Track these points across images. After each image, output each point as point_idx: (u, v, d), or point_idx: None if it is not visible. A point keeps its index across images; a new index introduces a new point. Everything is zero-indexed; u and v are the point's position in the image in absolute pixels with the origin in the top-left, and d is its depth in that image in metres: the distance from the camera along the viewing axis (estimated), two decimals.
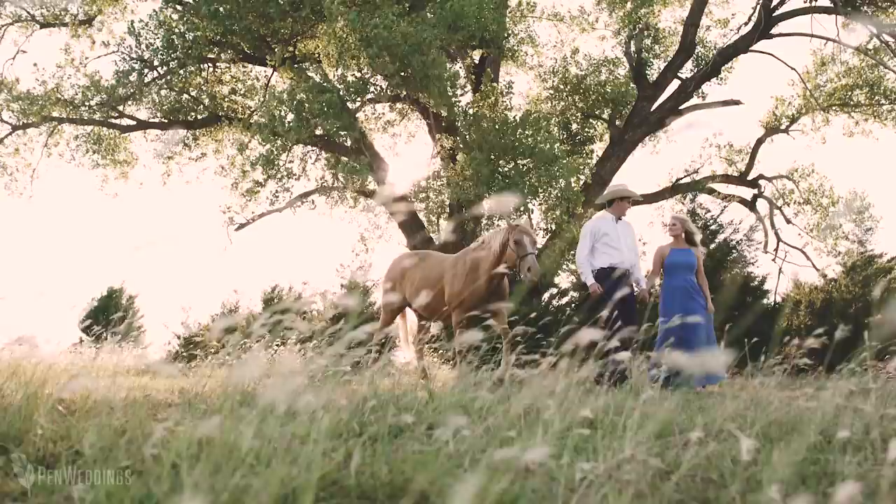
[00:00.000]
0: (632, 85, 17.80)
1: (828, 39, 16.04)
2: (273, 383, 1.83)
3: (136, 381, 6.71)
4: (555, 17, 19.46)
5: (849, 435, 2.41)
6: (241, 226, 16.04)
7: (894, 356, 4.89)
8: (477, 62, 16.40)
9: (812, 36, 15.89)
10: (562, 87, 18.25)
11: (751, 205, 18.07)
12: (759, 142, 18.45)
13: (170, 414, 3.95)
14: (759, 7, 16.20)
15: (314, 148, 15.85)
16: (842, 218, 17.41)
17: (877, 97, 17.48)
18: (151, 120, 17.20)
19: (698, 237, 9.06)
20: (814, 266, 17.14)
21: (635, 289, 8.70)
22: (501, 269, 8.19)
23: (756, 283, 14.20)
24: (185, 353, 14.54)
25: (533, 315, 9.01)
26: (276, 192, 14.99)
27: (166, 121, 17.11)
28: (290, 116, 13.80)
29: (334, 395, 4.24)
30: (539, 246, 13.03)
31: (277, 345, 10.09)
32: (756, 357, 6.44)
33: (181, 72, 16.26)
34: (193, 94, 16.83)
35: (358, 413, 3.52)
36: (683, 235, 8.93)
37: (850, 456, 2.95)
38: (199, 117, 17.08)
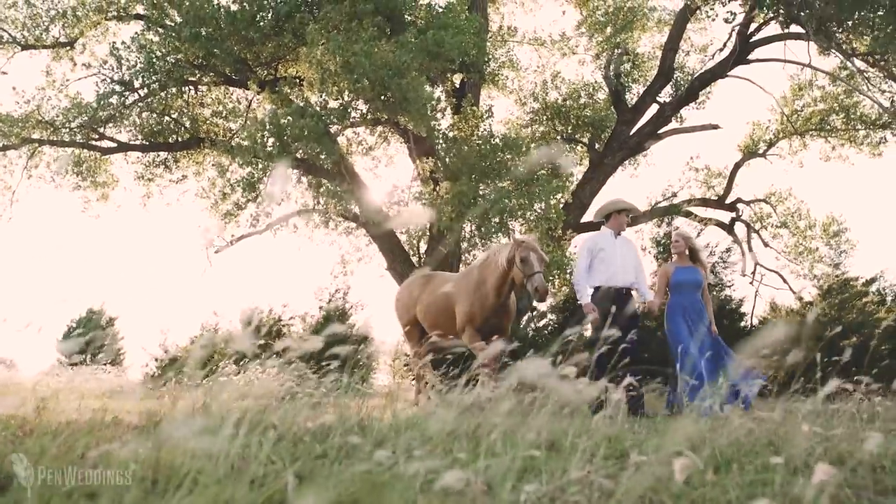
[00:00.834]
0: (611, 109, 18.00)
1: (802, 65, 16.25)
2: (236, 406, 1.87)
3: (109, 403, 6.69)
4: (536, 42, 19.67)
5: (782, 460, 2.45)
6: (221, 248, 16.03)
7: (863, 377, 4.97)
8: (458, 86, 16.52)
9: (787, 62, 16.10)
10: (542, 110, 18.41)
11: (728, 228, 18.21)
12: (737, 166, 18.63)
13: (132, 436, 3.96)
14: (735, 33, 16.41)
15: (296, 171, 15.89)
16: None
17: (853, 122, 17.71)
18: (132, 142, 17.20)
19: (703, 255, 8.85)
20: (790, 289, 17.28)
21: (637, 303, 8.49)
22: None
23: (733, 305, 14.31)
24: (162, 375, 14.48)
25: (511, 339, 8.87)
26: (257, 215, 15.01)
27: (147, 143, 17.12)
28: (271, 140, 13.84)
29: (298, 416, 4.28)
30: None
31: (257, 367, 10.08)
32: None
33: (162, 94, 16.29)
34: (174, 116, 16.86)
35: (308, 434, 3.53)
36: (688, 253, 8.66)
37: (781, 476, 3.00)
38: (181, 140, 17.09)
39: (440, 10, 14.92)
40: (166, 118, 16.87)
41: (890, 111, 15.82)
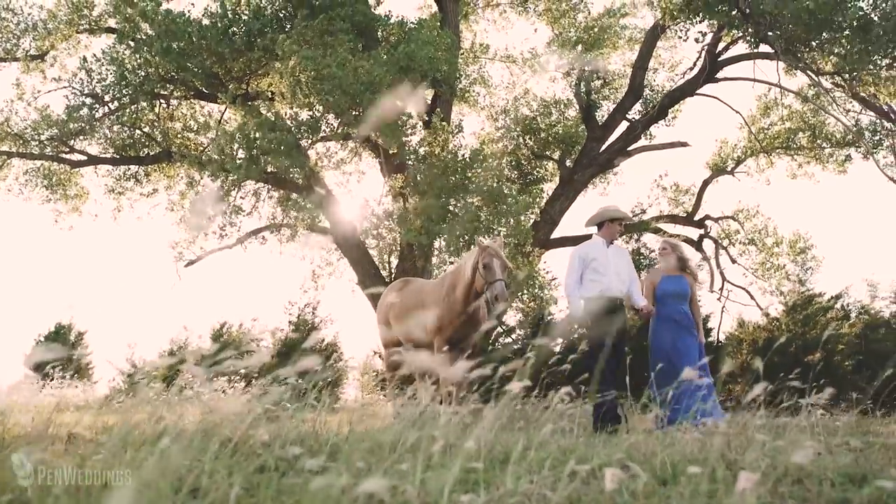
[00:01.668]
0: (581, 126, 18.17)
1: (770, 84, 16.50)
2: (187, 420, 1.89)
3: (73, 416, 6.66)
4: (507, 59, 19.82)
5: (700, 470, 2.50)
6: (191, 262, 15.95)
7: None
8: (428, 102, 16.60)
9: (755, 81, 16.33)
10: (513, 127, 18.54)
11: (697, 245, 18.39)
12: (706, 183, 18.84)
13: (91, 450, 3.96)
14: (704, 52, 16.63)
15: (265, 185, 15.88)
16: None
17: (819, 141, 18.00)
18: (103, 155, 17.11)
19: (692, 263, 8.59)
20: (758, 305, 17.46)
21: (638, 307, 8.06)
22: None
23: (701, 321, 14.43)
24: (128, 390, 14.38)
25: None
26: (224, 227, 14.95)
27: (118, 156, 17.04)
28: (241, 153, 13.84)
29: (254, 430, 4.29)
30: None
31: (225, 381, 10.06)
32: None
33: (132, 107, 16.24)
34: (145, 129, 16.80)
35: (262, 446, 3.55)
36: (675, 262, 8.39)
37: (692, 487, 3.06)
38: (151, 153, 17.02)
39: (412, 26, 15.03)
40: (137, 132, 16.80)
41: (854, 130, 16.09)
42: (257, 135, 13.64)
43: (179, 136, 17.07)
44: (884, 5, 13.23)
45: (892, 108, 14.78)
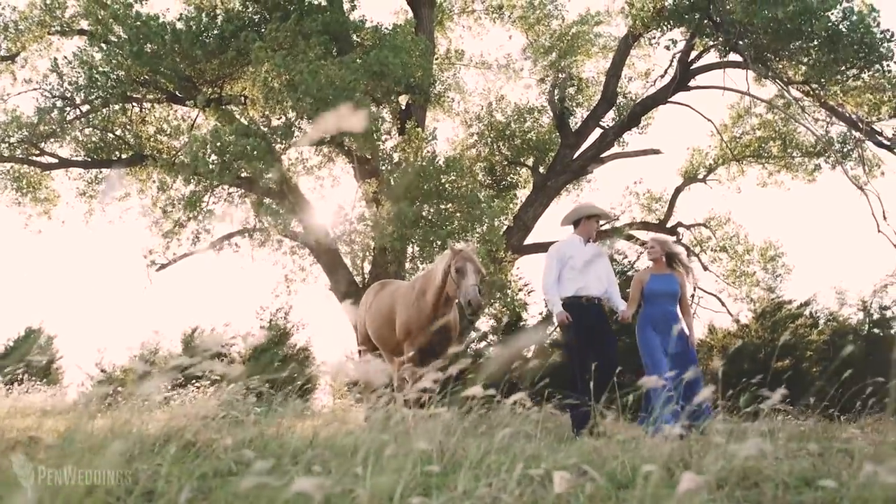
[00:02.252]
0: (555, 133, 18.26)
1: (741, 93, 16.67)
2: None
3: (37, 421, 6.58)
4: (482, 66, 19.91)
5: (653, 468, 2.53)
6: (162, 266, 15.83)
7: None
8: (403, 108, 16.62)
9: (726, 89, 16.49)
10: (487, 133, 18.61)
11: None
12: (678, 190, 19.00)
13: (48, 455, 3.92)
14: (676, 61, 16.77)
15: (238, 189, 15.80)
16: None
17: (789, 149, 18.20)
18: (74, 158, 16.96)
19: (682, 258, 8.10)
20: (728, 312, 17.62)
21: (618, 311, 7.75)
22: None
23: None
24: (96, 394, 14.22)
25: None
26: (198, 232, 14.87)
27: (89, 159, 16.90)
28: (213, 157, 13.76)
29: (219, 434, 4.28)
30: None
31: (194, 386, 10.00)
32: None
33: (104, 110, 16.12)
34: (118, 133, 16.67)
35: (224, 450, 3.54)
36: (664, 259, 7.91)
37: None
38: (124, 157, 16.88)
39: (387, 31, 15.04)
40: (109, 135, 16.67)
41: (824, 140, 16.29)
42: (230, 139, 13.58)
43: (152, 139, 16.95)
44: (852, 17, 13.42)
45: (859, 117, 14.98)
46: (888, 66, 13.71)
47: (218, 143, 13.63)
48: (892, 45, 13.48)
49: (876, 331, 15.64)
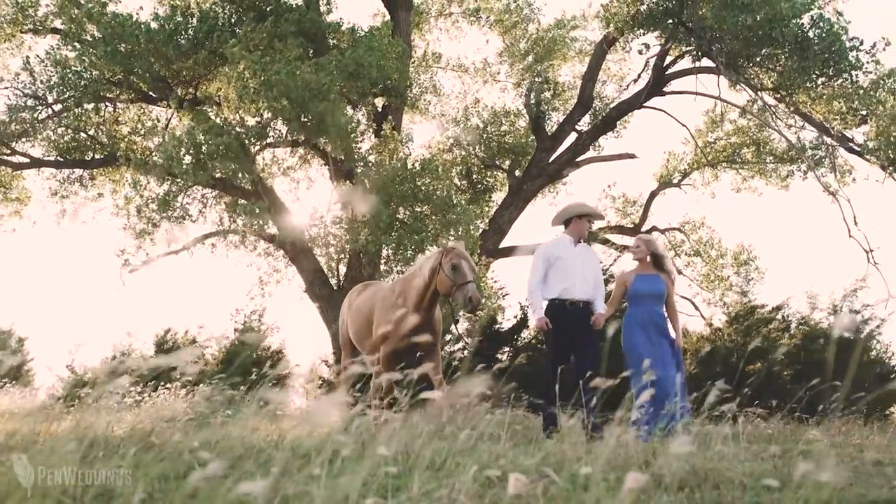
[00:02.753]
0: (531, 136, 18.32)
1: (713, 98, 16.79)
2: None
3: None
4: (459, 69, 19.94)
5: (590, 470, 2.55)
6: (136, 267, 15.71)
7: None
8: (379, 110, 16.62)
9: (699, 95, 16.62)
10: (464, 136, 18.66)
11: None
12: (653, 194, 19.12)
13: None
14: (651, 66, 16.89)
15: (213, 190, 15.72)
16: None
17: (762, 155, 18.36)
18: (46, 158, 16.79)
19: (668, 261, 7.95)
20: (701, 315, 17.74)
21: (595, 313, 7.49)
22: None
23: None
24: (67, 397, 14.12)
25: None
26: (172, 233, 14.78)
27: (62, 159, 16.74)
28: (188, 158, 13.69)
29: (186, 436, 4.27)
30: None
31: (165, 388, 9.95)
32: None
33: (77, 110, 15.97)
34: (91, 132, 16.52)
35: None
36: (649, 259, 7.75)
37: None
38: (97, 157, 16.74)
39: (363, 33, 15.03)
40: (82, 134, 16.52)
41: (797, 147, 16.44)
42: (204, 138, 13.50)
43: (126, 139, 16.82)
44: (821, 25, 13.59)
45: (829, 124, 15.16)
46: (856, 74, 13.90)
47: (192, 143, 13.57)
48: (861, 53, 13.66)
49: (846, 335, 15.81)
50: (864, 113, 14.50)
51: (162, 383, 9.99)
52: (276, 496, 2.56)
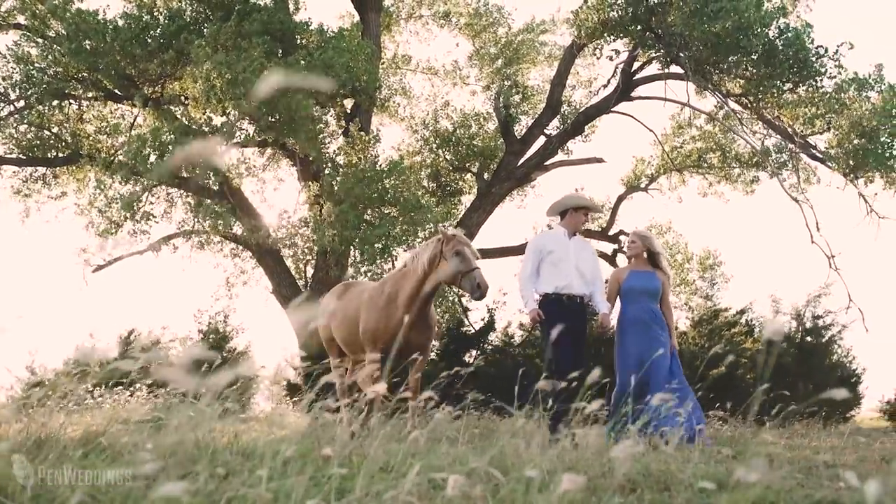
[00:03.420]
0: (500, 140, 18.37)
1: (681, 104, 16.95)
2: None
3: None
4: (429, 71, 19.94)
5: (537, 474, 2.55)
6: (99, 267, 15.54)
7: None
8: (348, 111, 16.58)
9: (667, 100, 16.75)
10: (432, 138, 18.67)
11: (611, 259, 18.72)
12: (620, 199, 19.24)
13: None
14: (619, 71, 17.00)
15: (178, 190, 15.58)
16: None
17: (728, 161, 18.55)
18: (8, 156, 16.53)
19: (664, 258, 7.76)
20: None
21: (599, 312, 7.29)
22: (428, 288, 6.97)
23: (610, 334, 14.70)
24: (25, 399, 13.88)
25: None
26: (135, 233, 14.63)
27: (24, 157, 16.49)
28: (153, 157, 13.55)
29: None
30: None
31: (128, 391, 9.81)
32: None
33: (40, 107, 15.73)
34: (54, 130, 16.29)
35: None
36: (645, 255, 7.61)
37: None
38: (61, 155, 16.50)
39: (332, 34, 14.97)
40: (45, 132, 16.28)
41: (761, 152, 16.63)
42: (170, 138, 13.34)
43: (90, 137, 16.61)
44: (787, 33, 13.76)
45: (794, 130, 15.35)
46: (821, 81, 14.09)
47: (158, 143, 13.42)
48: (826, 60, 13.86)
49: (809, 339, 16.02)
50: (828, 120, 14.71)
51: (123, 386, 9.85)
52: (221, 498, 2.53)
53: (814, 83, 14.05)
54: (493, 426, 8.54)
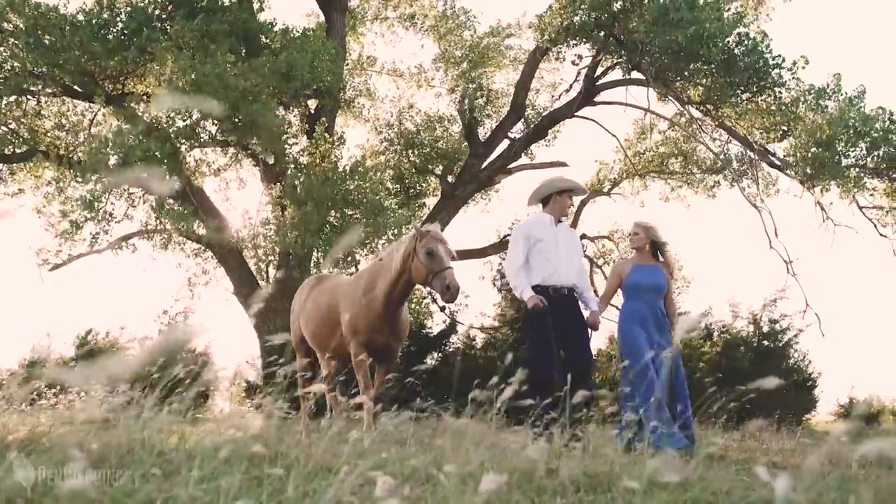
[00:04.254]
0: (464, 142, 18.43)
1: (643, 110, 17.13)
2: None
3: None
4: (394, 73, 19.94)
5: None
6: (56, 266, 15.30)
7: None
8: (312, 112, 16.51)
9: (629, 106, 16.93)
10: (396, 140, 18.68)
11: None
12: (583, 203, 19.35)
13: None
14: (583, 76, 17.13)
15: (139, 189, 15.40)
16: None
17: (690, 166, 18.79)
18: None
19: (669, 250, 7.21)
20: None
21: (584, 313, 6.75)
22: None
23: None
24: None
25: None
26: (97, 233, 14.44)
27: None
28: (113, 158, 13.38)
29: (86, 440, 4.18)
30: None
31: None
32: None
33: None
34: (11, 126, 15.99)
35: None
36: (648, 248, 7.08)
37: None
38: (17, 151, 16.21)
39: (297, 34, 14.91)
40: (2, 127, 15.99)
41: (722, 158, 16.84)
42: (133, 140, 13.15)
43: (48, 134, 16.35)
44: (746, 43, 13.96)
45: (752, 138, 15.58)
46: (779, 91, 14.31)
47: (120, 143, 13.23)
48: (783, 71, 14.08)
49: (766, 343, 16.30)
50: (785, 128, 14.94)
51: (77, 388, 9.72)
52: (157, 498, 2.53)
53: (771, 93, 14.26)
54: (445, 427, 8.52)
